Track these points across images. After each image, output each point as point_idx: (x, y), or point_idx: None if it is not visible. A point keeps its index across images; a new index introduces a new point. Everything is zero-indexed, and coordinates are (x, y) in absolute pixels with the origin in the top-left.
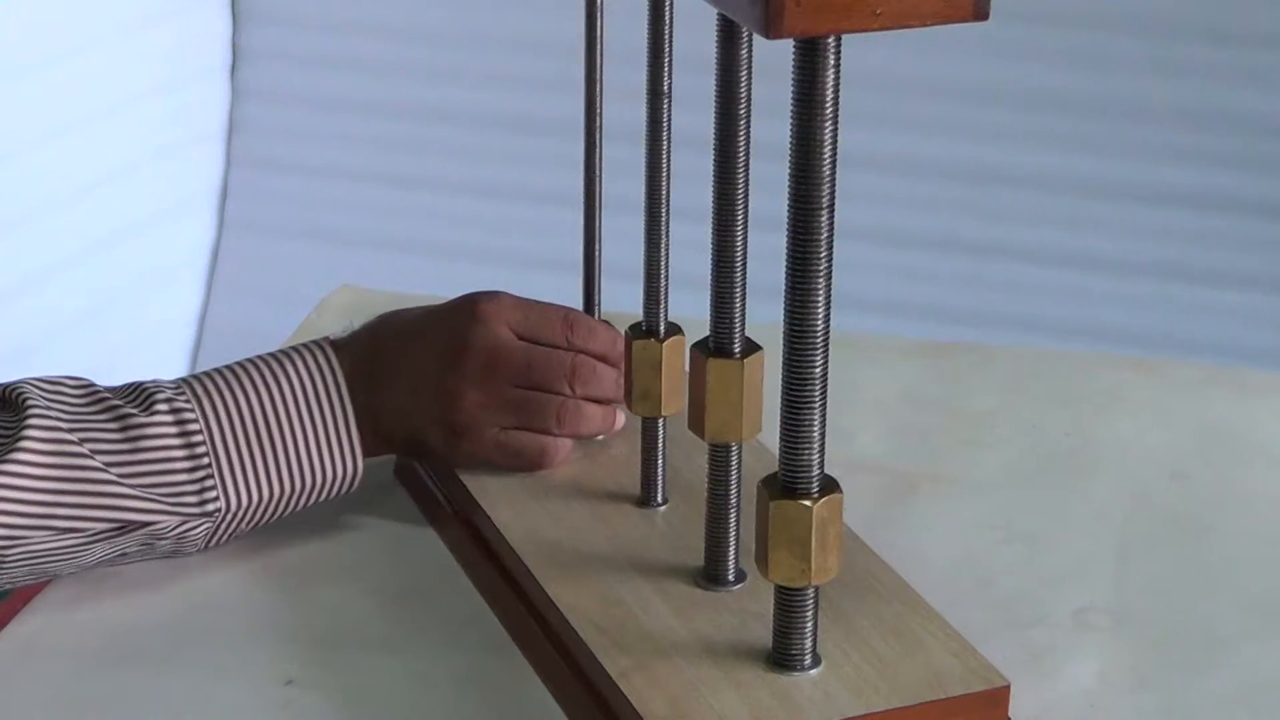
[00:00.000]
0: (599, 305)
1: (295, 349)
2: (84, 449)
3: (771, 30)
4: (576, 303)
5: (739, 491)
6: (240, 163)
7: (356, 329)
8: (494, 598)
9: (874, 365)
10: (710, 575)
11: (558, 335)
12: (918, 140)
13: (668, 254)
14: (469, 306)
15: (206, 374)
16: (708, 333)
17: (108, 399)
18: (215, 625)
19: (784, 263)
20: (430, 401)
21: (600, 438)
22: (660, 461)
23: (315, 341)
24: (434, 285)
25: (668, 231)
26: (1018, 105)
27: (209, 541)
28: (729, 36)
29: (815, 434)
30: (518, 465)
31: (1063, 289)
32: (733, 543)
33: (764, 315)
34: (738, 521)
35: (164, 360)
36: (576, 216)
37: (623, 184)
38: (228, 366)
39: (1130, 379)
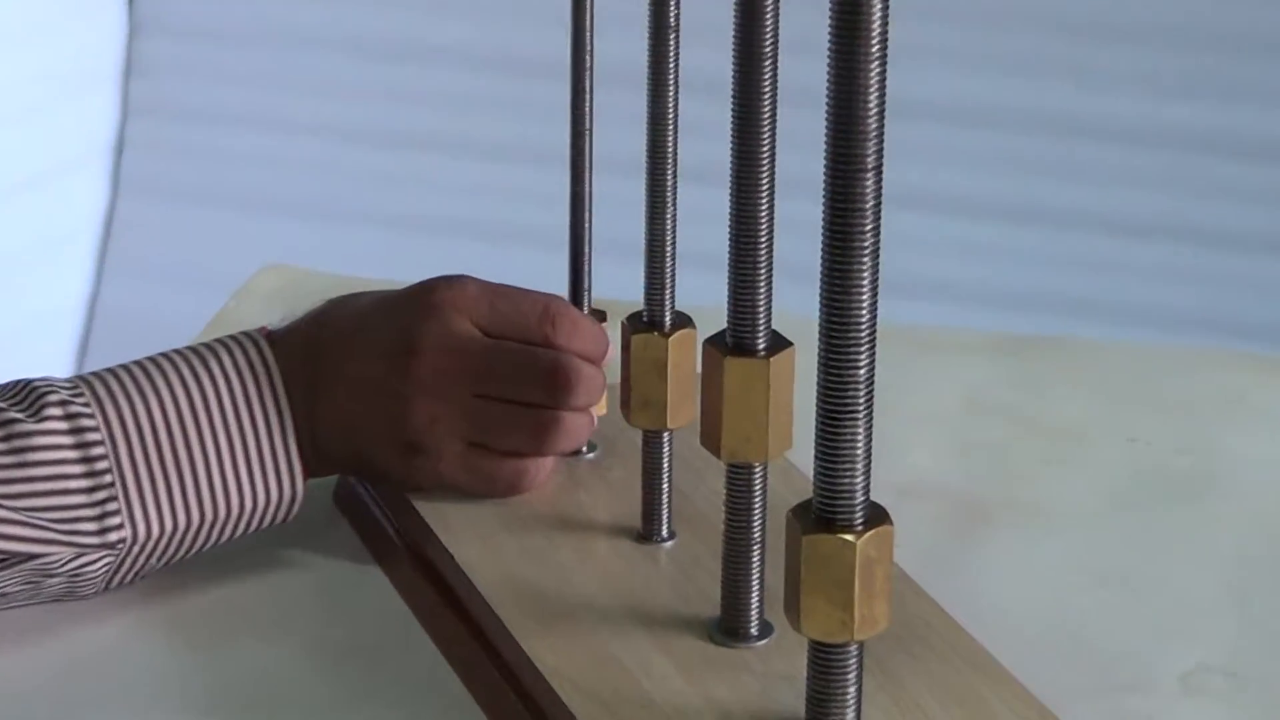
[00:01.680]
0: (589, 290)
1: (221, 342)
2: None
3: None
4: (560, 287)
5: (763, 523)
6: (140, 111)
7: (298, 318)
8: (457, 655)
9: (932, 364)
10: (728, 628)
11: (534, 331)
12: (986, 83)
13: (675, 226)
14: (424, 295)
15: (110, 371)
16: (725, 325)
17: None
18: (111, 689)
19: (820, 237)
20: (376, 413)
21: (587, 453)
22: (665, 486)
23: (246, 333)
24: (384, 265)
25: (675, 198)
26: (1110, 41)
27: (110, 580)
28: None
29: (859, 451)
30: (490, 491)
31: (1169, 269)
32: (756, 588)
33: (795, 303)
34: (762, 561)
35: (43, 357)
36: (562, 178)
37: (620, 137)
38: (137, 363)
39: (1254, 381)
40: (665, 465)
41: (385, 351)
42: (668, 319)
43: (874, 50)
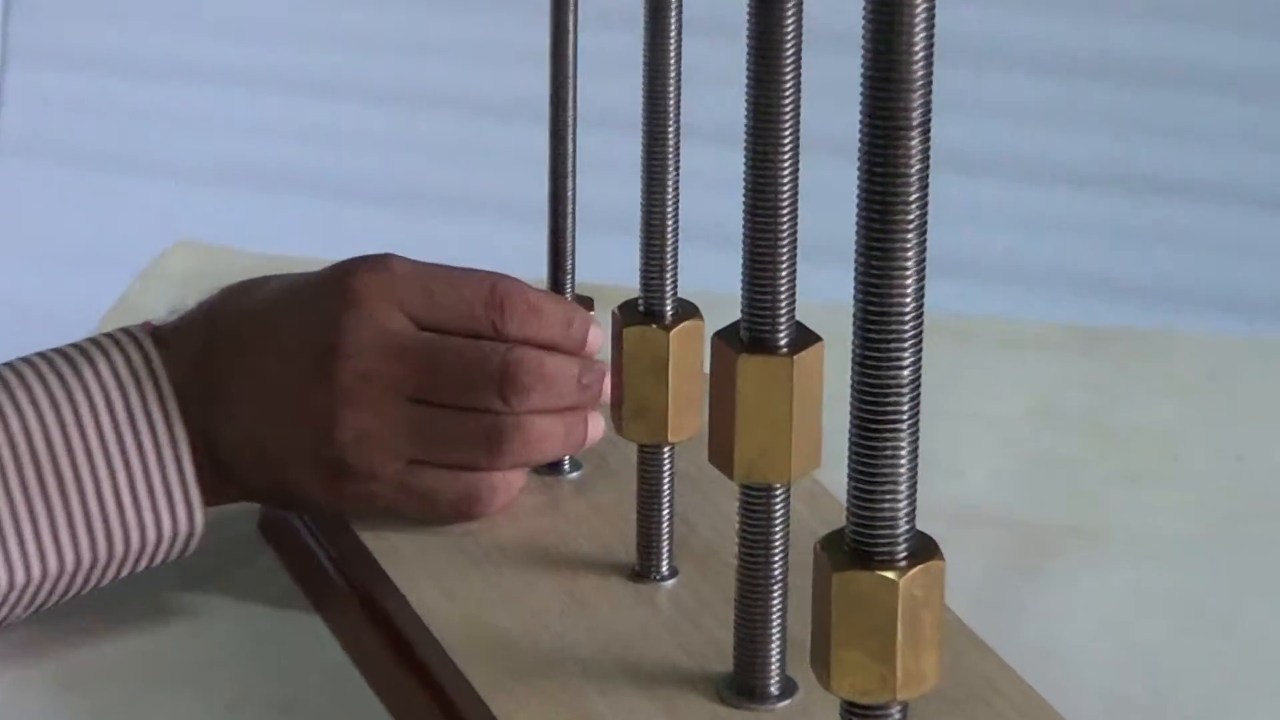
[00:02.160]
0: (572, 273)
1: (97, 342)
2: None
3: None
4: (538, 267)
5: (785, 558)
6: (21, 54)
7: (189, 311)
8: (410, 716)
9: (992, 363)
10: (742, 685)
11: (480, 320)
12: (1054, 22)
13: (677, 196)
14: (342, 281)
15: None
16: (738, 315)
17: None
18: None
19: (855, 208)
20: (292, 428)
21: (570, 471)
22: (665, 512)
23: (127, 331)
24: (317, 241)
25: (677, 161)
26: None
27: None
28: None
29: (902, 469)
30: (437, 516)
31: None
32: (776, 637)
33: (824, 289)
34: (783, 604)
35: None
36: (540, 136)
37: (609, 87)
38: None
39: None
40: (665, 487)
41: (299, 352)
42: (669, 308)
43: None
